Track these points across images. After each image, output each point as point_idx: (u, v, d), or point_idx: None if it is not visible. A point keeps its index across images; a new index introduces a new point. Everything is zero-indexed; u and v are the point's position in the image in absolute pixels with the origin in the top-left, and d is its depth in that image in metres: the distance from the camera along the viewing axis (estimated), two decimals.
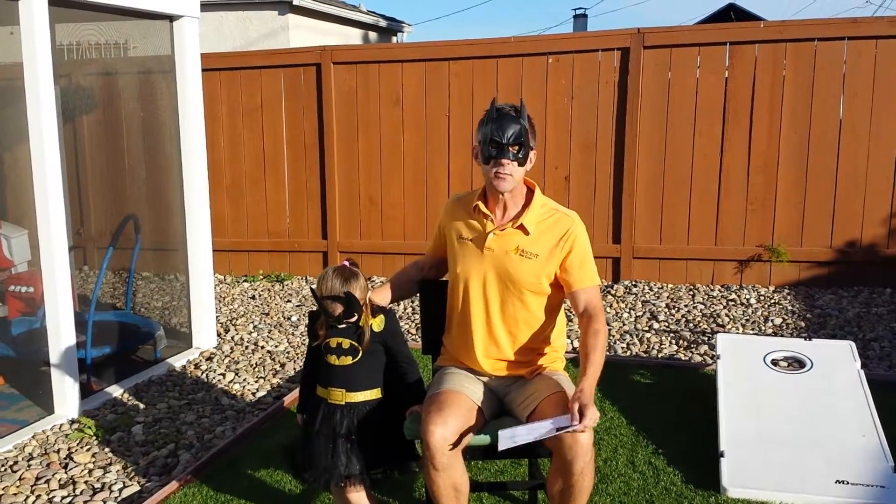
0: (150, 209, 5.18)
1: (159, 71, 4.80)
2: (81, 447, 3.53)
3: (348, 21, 14.82)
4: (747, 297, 5.60)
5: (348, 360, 2.44)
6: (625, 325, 5.17)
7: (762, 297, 5.59)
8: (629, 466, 3.22)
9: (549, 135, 6.09)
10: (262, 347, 4.98)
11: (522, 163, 2.46)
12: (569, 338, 4.88)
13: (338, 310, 2.36)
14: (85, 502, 3.07)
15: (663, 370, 4.33)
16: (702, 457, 3.23)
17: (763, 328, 4.99)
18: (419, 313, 2.94)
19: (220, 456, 3.37)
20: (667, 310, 5.41)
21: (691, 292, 5.79)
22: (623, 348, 4.75)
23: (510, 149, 2.42)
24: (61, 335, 3.76)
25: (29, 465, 3.36)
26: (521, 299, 2.53)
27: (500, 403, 2.58)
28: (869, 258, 5.67)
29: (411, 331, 5.25)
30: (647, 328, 5.09)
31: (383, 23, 16.08)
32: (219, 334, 5.20)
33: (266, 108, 6.70)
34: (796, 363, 3.65)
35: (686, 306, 5.47)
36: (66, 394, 3.82)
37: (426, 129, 6.37)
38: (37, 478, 3.25)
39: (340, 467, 2.41)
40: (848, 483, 2.90)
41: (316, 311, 2.49)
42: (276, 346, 5.00)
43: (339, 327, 2.43)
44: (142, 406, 4.03)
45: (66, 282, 3.79)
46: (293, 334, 5.26)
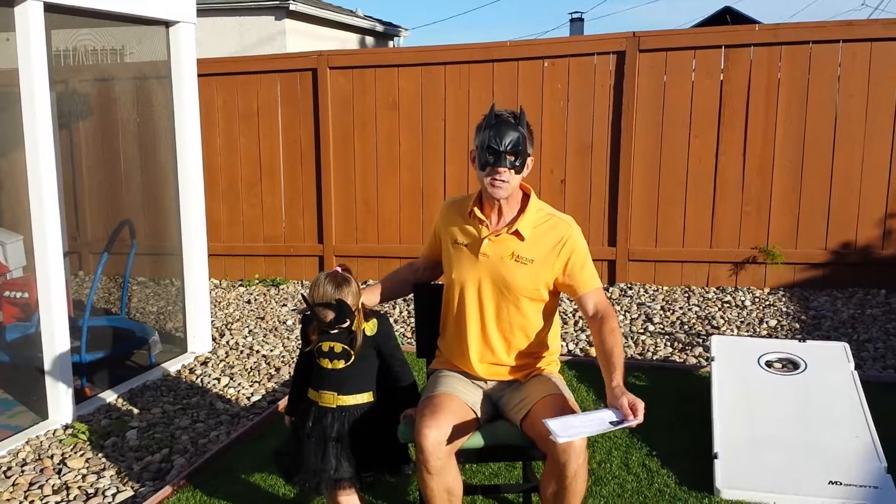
0: (146, 214, 5.18)
1: (155, 76, 4.80)
2: (75, 452, 3.53)
3: (345, 26, 14.85)
4: (742, 299, 5.61)
5: (340, 363, 2.44)
6: (620, 327, 5.17)
7: (757, 299, 5.60)
8: (623, 468, 3.22)
9: (545, 138, 6.10)
10: (258, 352, 4.98)
11: (519, 170, 2.46)
12: (563, 340, 4.88)
13: (329, 316, 2.37)
14: None
15: (658, 372, 4.34)
16: (696, 458, 3.24)
17: (758, 330, 5.00)
18: (414, 317, 2.93)
19: (215, 461, 3.37)
20: (662, 312, 5.42)
21: (686, 294, 5.80)
22: None
23: (507, 157, 2.41)
24: (56, 341, 3.76)
25: (23, 471, 3.35)
26: (516, 305, 2.53)
27: (494, 406, 2.58)
28: (863, 260, 5.68)
29: (406, 334, 5.26)
30: (642, 330, 5.09)
31: (380, 27, 16.11)
32: (214, 339, 5.19)
33: (262, 113, 6.71)
34: (790, 365, 3.65)
35: (681, 308, 5.48)
36: (60, 399, 3.82)
37: (422, 133, 6.38)
38: (30, 483, 3.25)
39: (330, 471, 2.41)
40: (841, 484, 2.91)
41: (309, 316, 2.49)
42: (272, 351, 5.00)
43: (332, 332, 2.43)
44: (136, 411, 4.02)
45: (61, 287, 3.79)
46: (288, 339, 5.26)
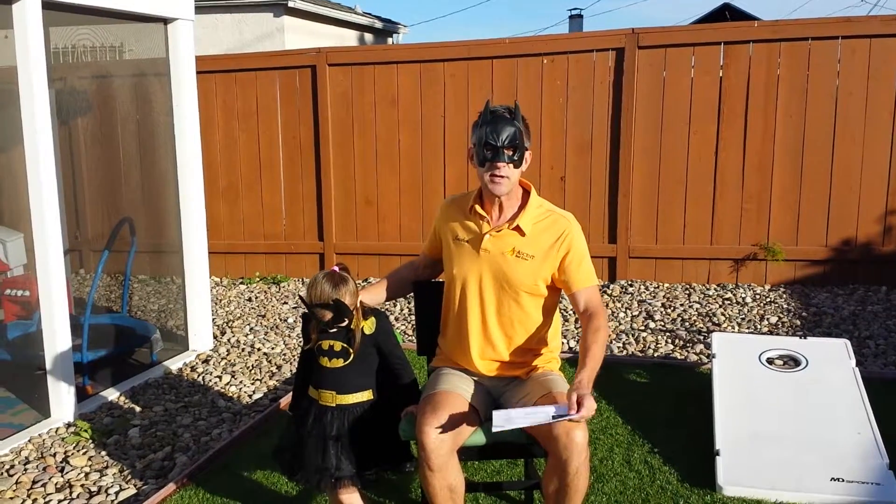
0: (146, 212, 5.17)
1: (154, 73, 4.79)
2: (78, 451, 3.53)
3: (344, 23, 14.82)
4: (743, 295, 5.61)
5: (340, 362, 2.45)
6: (621, 324, 5.18)
7: (758, 296, 5.60)
8: (625, 465, 3.22)
9: (545, 135, 6.09)
10: (259, 349, 4.98)
11: (518, 164, 2.47)
12: (564, 338, 4.89)
13: (327, 316, 2.37)
14: None
15: (659, 369, 4.34)
16: (697, 455, 3.24)
17: (759, 327, 5.01)
18: (414, 314, 2.94)
19: (217, 458, 3.37)
20: (663, 309, 5.42)
21: (687, 291, 5.80)
22: (619, 348, 4.75)
23: (505, 151, 2.43)
24: (57, 339, 3.76)
25: (25, 469, 3.36)
26: (516, 301, 2.53)
27: (495, 403, 2.58)
28: (864, 256, 5.68)
29: (407, 332, 5.26)
30: (643, 327, 5.09)
31: (379, 24, 16.08)
32: (215, 337, 5.19)
33: (261, 110, 6.70)
34: (791, 361, 3.66)
35: (682, 305, 5.48)
36: (63, 397, 3.82)
37: (422, 130, 6.37)
38: (33, 482, 3.25)
39: (331, 469, 2.41)
40: (843, 480, 2.91)
41: (308, 315, 2.50)
42: (273, 349, 5.00)
43: (330, 331, 2.43)
44: (138, 409, 4.02)
45: (62, 285, 3.78)
46: (289, 336, 5.26)
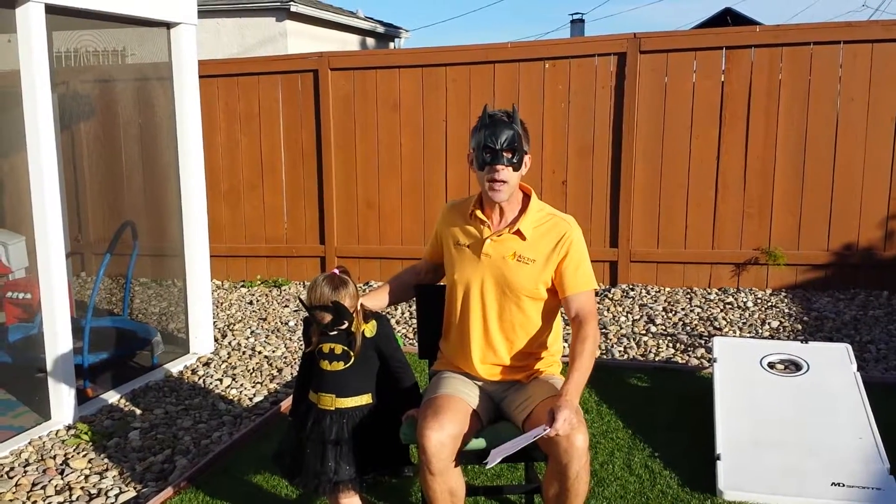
0: (148, 215, 5.18)
1: (157, 78, 4.80)
2: (78, 453, 3.53)
3: (346, 27, 14.86)
4: (744, 300, 5.61)
5: (340, 365, 2.44)
6: (622, 328, 5.17)
7: (759, 301, 5.60)
8: (625, 470, 3.22)
9: (547, 139, 6.10)
10: (260, 353, 4.98)
11: (517, 167, 2.47)
12: (565, 341, 4.88)
13: (326, 318, 2.37)
14: None
15: (660, 373, 4.33)
16: (698, 460, 3.23)
17: (760, 331, 5.00)
18: (416, 318, 2.94)
19: (217, 461, 3.37)
20: (664, 313, 5.41)
21: (688, 296, 5.80)
22: (620, 352, 4.75)
23: (504, 154, 2.43)
24: (58, 341, 3.76)
25: (25, 472, 3.36)
26: (518, 305, 2.53)
27: (496, 408, 2.58)
28: (865, 261, 5.68)
29: (408, 335, 5.26)
30: (644, 332, 5.09)
31: (381, 29, 16.12)
32: (216, 340, 5.20)
33: (264, 114, 6.72)
34: (793, 366, 3.65)
35: (683, 310, 5.48)
36: (63, 400, 3.82)
37: (423, 134, 6.38)
38: (33, 484, 3.25)
39: (329, 473, 2.40)
40: (844, 486, 2.91)
41: (310, 318, 2.50)
42: (274, 352, 5.00)
43: (331, 333, 2.43)
44: (138, 412, 4.03)
45: (63, 288, 3.79)
46: (290, 339, 5.26)
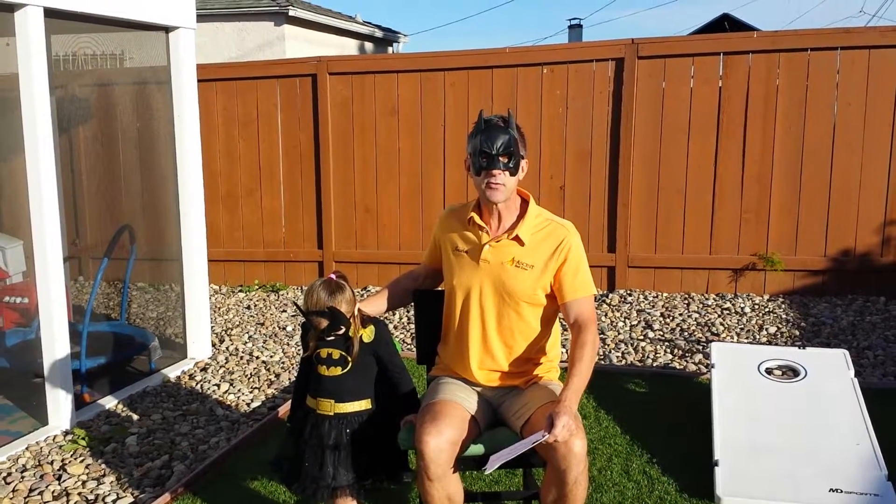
0: (146, 219, 5.17)
1: (155, 81, 4.80)
2: (75, 458, 3.52)
3: (345, 32, 14.88)
4: (742, 305, 5.61)
5: (338, 370, 2.44)
6: (620, 334, 5.18)
7: (757, 306, 5.60)
8: (624, 475, 3.22)
9: (544, 144, 6.11)
10: (257, 358, 4.98)
11: (514, 172, 2.48)
12: (564, 347, 4.88)
13: (323, 323, 2.37)
14: None
15: (658, 379, 4.34)
16: (696, 465, 3.24)
17: (757, 337, 5.00)
18: (414, 323, 2.94)
19: (215, 467, 3.37)
20: (661, 319, 5.42)
21: (686, 301, 5.80)
22: (618, 357, 4.75)
23: (500, 159, 2.44)
24: (55, 346, 3.75)
25: (22, 477, 3.35)
26: (517, 311, 2.53)
27: (494, 413, 2.58)
28: (863, 267, 5.69)
29: (406, 340, 5.25)
30: (641, 337, 5.09)
31: (379, 33, 16.15)
32: (214, 345, 5.19)
33: (262, 118, 6.72)
34: (790, 372, 3.66)
35: (681, 315, 5.48)
36: (60, 405, 3.81)
37: (422, 138, 6.39)
38: (30, 489, 3.24)
39: (328, 478, 2.40)
40: (842, 491, 2.91)
41: (307, 323, 2.50)
42: (271, 357, 5.00)
43: (329, 339, 2.43)
44: (136, 417, 4.02)
45: (61, 292, 3.78)
46: (288, 344, 5.26)
